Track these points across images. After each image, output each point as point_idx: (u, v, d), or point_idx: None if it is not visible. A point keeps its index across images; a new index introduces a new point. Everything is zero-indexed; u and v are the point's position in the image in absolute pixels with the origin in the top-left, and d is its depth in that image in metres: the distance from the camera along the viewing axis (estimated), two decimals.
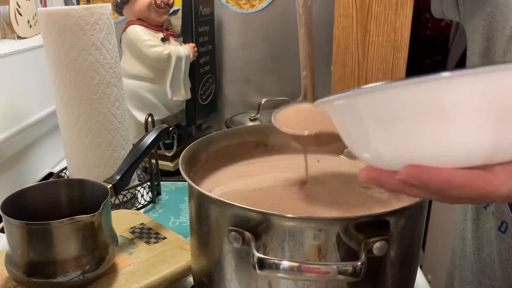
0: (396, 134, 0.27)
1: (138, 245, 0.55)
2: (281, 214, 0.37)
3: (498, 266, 0.55)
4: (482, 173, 0.25)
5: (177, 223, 0.73)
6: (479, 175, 0.25)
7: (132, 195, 0.78)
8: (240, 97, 1.19)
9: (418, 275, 0.48)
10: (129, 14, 0.90)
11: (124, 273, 0.50)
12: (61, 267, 0.45)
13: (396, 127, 0.26)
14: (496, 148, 0.25)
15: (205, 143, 0.53)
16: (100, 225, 0.47)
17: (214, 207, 0.40)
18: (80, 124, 0.70)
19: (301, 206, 0.46)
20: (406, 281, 0.43)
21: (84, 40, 0.67)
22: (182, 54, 0.89)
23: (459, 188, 0.25)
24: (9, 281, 0.48)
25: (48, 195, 0.51)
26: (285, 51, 1.14)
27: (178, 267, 0.52)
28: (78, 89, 0.68)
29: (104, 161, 0.72)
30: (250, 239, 0.37)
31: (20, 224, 0.44)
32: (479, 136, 0.24)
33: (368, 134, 0.29)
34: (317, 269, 0.34)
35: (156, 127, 0.63)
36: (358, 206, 0.46)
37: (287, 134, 0.53)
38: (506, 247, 0.53)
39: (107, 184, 0.53)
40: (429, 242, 1.49)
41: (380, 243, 0.35)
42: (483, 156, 0.25)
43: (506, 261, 0.53)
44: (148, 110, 0.89)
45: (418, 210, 0.41)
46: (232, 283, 0.41)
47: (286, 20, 1.11)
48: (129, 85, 0.89)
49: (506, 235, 0.53)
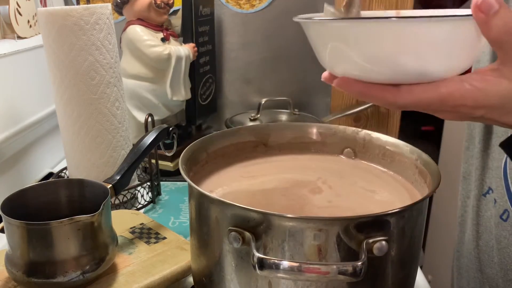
0: (339, 56, 0.37)
1: (138, 245, 0.55)
2: (281, 214, 0.37)
3: (496, 253, 0.56)
4: (389, 88, 0.35)
5: (177, 223, 0.73)
6: (385, 89, 0.35)
7: (132, 195, 0.78)
8: (240, 97, 1.19)
9: (418, 275, 0.48)
10: (129, 14, 0.90)
11: (124, 273, 0.50)
12: (61, 267, 0.45)
13: (331, 51, 0.37)
14: (396, 74, 0.35)
15: (205, 143, 0.53)
16: (100, 225, 0.47)
17: (214, 207, 0.40)
18: (80, 124, 0.70)
19: (301, 206, 0.46)
20: (406, 281, 0.43)
21: (84, 40, 0.67)
22: (182, 54, 0.89)
23: (369, 96, 0.36)
24: (9, 281, 0.48)
25: (48, 195, 0.51)
26: (285, 51, 1.13)
27: (178, 267, 0.52)
28: (78, 89, 0.68)
29: (104, 161, 0.72)
30: (250, 239, 0.37)
31: (20, 224, 0.44)
32: (384, 64, 0.35)
33: (323, 52, 0.39)
34: (317, 269, 0.34)
35: (156, 127, 0.63)
36: (358, 206, 0.46)
37: (290, 130, 0.54)
38: (506, 234, 0.53)
39: (107, 184, 0.53)
40: (429, 242, 1.49)
41: (380, 243, 0.35)
42: (388, 78, 0.35)
43: (505, 248, 0.54)
44: (148, 110, 0.89)
45: (418, 210, 0.41)
46: (232, 283, 0.41)
47: (286, 20, 1.11)
48: (129, 85, 0.89)
49: (507, 223, 0.53)
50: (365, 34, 0.34)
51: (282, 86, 1.16)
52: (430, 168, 0.45)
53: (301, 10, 1.09)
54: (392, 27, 0.33)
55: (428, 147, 1.25)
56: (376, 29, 0.33)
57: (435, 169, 0.44)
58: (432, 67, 0.34)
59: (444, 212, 1.34)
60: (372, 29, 0.33)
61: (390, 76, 0.35)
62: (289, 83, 1.16)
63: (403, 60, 0.34)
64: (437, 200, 1.40)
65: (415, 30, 0.32)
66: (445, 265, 1.30)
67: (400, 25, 0.33)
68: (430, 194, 0.40)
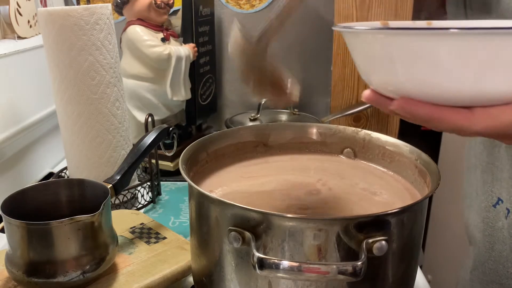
0: (399, 72, 0.32)
1: (138, 245, 0.55)
2: (281, 214, 0.37)
3: (511, 264, 0.55)
4: (462, 110, 0.31)
5: (177, 223, 0.73)
6: (459, 112, 0.31)
7: (132, 195, 0.78)
8: (240, 97, 1.19)
9: (418, 275, 0.48)
10: (129, 14, 0.90)
11: (124, 273, 0.50)
12: (61, 267, 0.45)
13: (400, 66, 0.32)
14: (475, 95, 0.31)
15: (205, 143, 0.53)
16: (100, 225, 0.47)
17: (214, 207, 0.40)
18: (80, 124, 0.70)
19: (301, 206, 0.46)
20: (406, 281, 0.43)
21: (84, 40, 0.67)
22: (182, 54, 0.89)
23: (438, 120, 0.32)
24: (9, 281, 0.48)
25: (48, 195, 0.51)
26: (285, 51, 1.13)
27: (178, 267, 0.52)
28: (78, 89, 0.68)
29: (104, 161, 0.73)
30: (250, 239, 0.37)
31: (20, 224, 0.44)
32: (462, 84, 0.30)
33: (376, 66, 0.34)
34: (317, 269, 0.34)
35: (156, 127, 0.63)
36: (358, 206, 0.46)
37: (290, 130, 0.54)
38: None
39: (107, 184, 0.53)
40: (429, 242, 1.49)
41: (380, 243, 0.35)
42: (465, 99, 0.31)
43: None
44: (148, 110, 0.89)
45: (418, 210, 0.41)
46: (232, 283, 0.41)
47: (286, 20, 1.10)
48: (129, 85, 0.89)
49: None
50: (452, 48, 0.29)
51: None
52: (430, 168, 0.45)
53: (301, 10, 1.09)
54: (481, 39, 0.29)
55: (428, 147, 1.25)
56: (462, 41, 0.29)
57: (435, 169, 0.44)
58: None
59: (444, 212, 1.34)
60: (458, 41, 0.29)
61: (469, 96, 0.31)
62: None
63: (490, 76, 0.30)
64: (437, 200, 1.40)
65: (507, 43, 0.29)
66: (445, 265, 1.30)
67: (492, 37, 0.29)
68: (430, 194, 0.40)
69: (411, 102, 0.32)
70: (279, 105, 0.48)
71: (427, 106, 0.32)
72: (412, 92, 0.32)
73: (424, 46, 0.30)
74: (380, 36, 0.32)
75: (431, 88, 0.31)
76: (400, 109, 0.33)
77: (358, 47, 0.36)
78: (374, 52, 0.33)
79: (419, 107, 0.32)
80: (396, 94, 0.33)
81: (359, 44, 0.35)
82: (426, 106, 0.32)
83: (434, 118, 0.32)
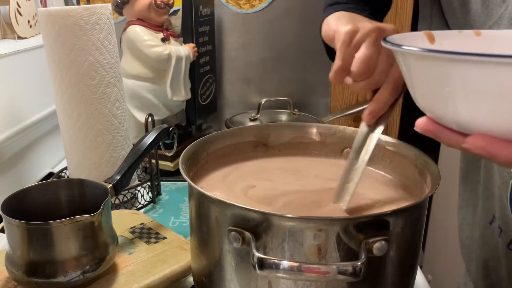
0: (472, 103, 0.27)
1: (138, 245, 0.55)
2: (281, 214, 0.37)
3: (506, 283, 0.54)
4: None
5: (177, 223, 0.73)
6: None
7: (132, 195, 0.78)
8: (240, 97, 1.19)
9: (418, 275, 0.48)
10: (129, 14, 0.90)
11: (124, 273, 0.50)
12: (61, 267, 0.45)
13: (475, 98, 0.27)
14: None
15: (205, 143, 0.53)
16: (100, 225, 0.47)
17: (214, 207, 0.40)
18: (80, 124, 0.70)
19: (301, 206, 0.46)
20: (406, 281, 0.43)
21: (84, 40, 0.67)
22: (182, 54, 0.89)
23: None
24: (9, 281, 0.48)
25: (48, 195, 0.51)
26: (285, 51, 1.14)
27: (178, 267, 0.52)
28: (78, 89, 0.68)
29: (104, 161, 0.73)
30: (250, 239, 0.37)
31: (20, 224, 0.44)
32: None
33: (437, 93, 0.29)
34: (317, 269, 0.34)
35: (156, 127, 0.63)
36: (358, 206, 0.46)
37: (290, 130, 0.55)
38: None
39: (107, 184, 0.53)
40: (429, 242, 1.49)
41: (380, 243, 0.35)
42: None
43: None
44: (148, 110, 0.89)
45: (418, 210, 0.41)
46: (232, 283, 0.41)
47: (286, 20, 1.11)
48: (129, 85, 0.89)
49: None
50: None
51: (282, 86, 1.16)
52: (430, 168, 0.45)
53: (301, 11, 1.09)
54: None
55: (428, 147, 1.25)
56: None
57: (435, 169, 0.44)
58: None
59: (444, 212, 1.34)
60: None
61: None
62: (289, 83, 1.16)
63: None
64: (437, 200, 1.40)
65: None
66: (445, 265, 1.30)
67: None
68: (430, 194, 0.40)
69: (494, 142, 0.27)
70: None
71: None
72: (488, 129, 0.27)
73: (505, 76, 0.25)
74: (442, 62, 0.27)
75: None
76: (479, 149, 0.28)
77: (410, 68, 0.31)
78: (434, 78, 0.28)
79: (504, 147, 0.27)
80: (463, 128, 0.29)
81: (411, 66, 0.31)
82: (511, 146, 0.27)
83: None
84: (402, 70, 0.33)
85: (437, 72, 0.28)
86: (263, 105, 1.03)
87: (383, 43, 0.33)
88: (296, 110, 1.06)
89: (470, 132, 0.28)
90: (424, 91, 0.31)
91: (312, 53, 1.11)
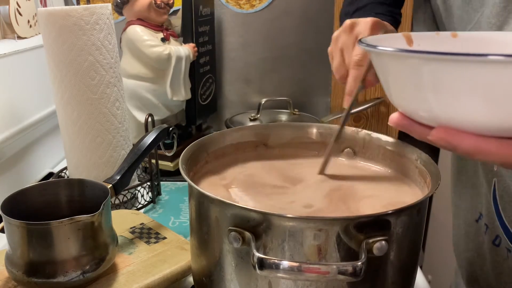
0: (438, 98, 0.29)
1: (138, 245, 0.55)
2: (281, 214, 0.37)
3: (493, 279, 0.55)
4: (510, 142, 0.28)
5: (177, 223, 0.73)
6: (507, 145, 0.28)
7: (132, 195, 0.78)
8: (240, 97, 1.19)
9: (418, 275, 0.48)
10: (129, 14, 0.90)
11: (124, 273, 0.50)
12: (61, 267, 0.45)
13: (440, 93, 0.28)
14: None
15: (205, 143, 0.53)
16: (100, 225, 0.47)
17: (214, 207, 0.40)
18: (80, 124, 0.70)
19: (301, 206, 0.46)
20: (406, 281, 0.43)
21: (84, 40, 0.67)
22: (182, 54, 0.89)
23: (485, 154, 0.28)
24: (9, 281, 0.48)
25: (48, 195, 0.51)
26: (285, 51, 1.14)
27: (178, 267, 0.52)
28: (78, 89, 0.68)
29: (104, 161, 0.73)
30: (250, 239, 0.37)
31: (20, 224, 0.44)
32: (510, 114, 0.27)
33: (410, 91, 0.31)
34: (317, 269, 0.34)
35: (156, 127, 0.63)
36: (358, 206, 0.46)
37: (290, 130, 0.56)
38: (499, 260, 0.53)
39: (107, 184, 0.53)
40: (429, 242, 1.49)
41: (380, 243, 0.35)
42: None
43: (501, 274, 0.53)
44: (148, 110, 0.89)
45: (418, 210, 0.41)
46: (232, 283, 0.41)
47: (286, 20, 1.11)
48: (129, 85, 0.89)
49: (499, 248, 0.53)
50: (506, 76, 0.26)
51: (282, 86, 1.16)
52: (430, 168, 0.45)
53: (301, 10, 1.09)
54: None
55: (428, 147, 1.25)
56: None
57: (435, 169, 0.44)
58: None
59: (444, 212, 1.34)
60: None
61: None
62: (289, 83, 1.16)
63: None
64: (437, 200, 1.40)
65: None
66: (445, 265, 1.30)
67: None
68: (430, 194, 0.40)
69: (454, 133, 0.29)
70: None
71: (472, 138, 0.28)
72: (451, 121, 0.29)
73: (475, 74, 0.26)
74: (415, 61, 0.29)
75: (476, 118, 0.28)
76: (440, 140, 0.29)
77: (384, 68, 0.33)
78: (407, 77, 0.30)
79: (464, 138, 0.28)
80: (431, 121, 0.30)
81: (385, 65, 0.33)
82: (471, 138, 0.28)
83: (480, 152, 0.28)
84: (376, 70, 0.35)
85: (409, 70, 0.30)
86: (263, 105, 1.03)
87: (357, 45, 0.35)
88: (296, 110, 1.06)
89: (439, 125, 0.30)
90: (397, 89, 0.33)
91: (312, 53, 1.11)
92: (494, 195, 0.52)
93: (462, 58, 0.26)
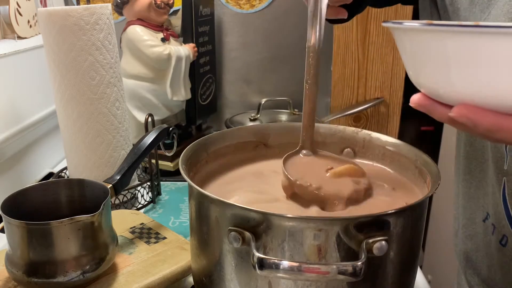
0: (461, 75, 0.29)
1: (138, 245, 0.55)
2: (281, 214, 0.37)
3: (500, 279, 0.55)
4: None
5: (177, 223, 0.73)
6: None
7: (132, 195, 0.78)
8: (240, 97, 1.19)
9: (418, 275, 0.48)
10: (129, 14, 0.90)
11: (124, 273, 0.50)
12: (61, 267, 0.45)
13: (464, 69, 0.28)
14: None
15: (205, 143, 0.53)
16: (100, 225, 0.47)
17: (214, 207, 0.40)
18: (80, 124, 0.70)
19: (301, 206, 0.46)
20: (406, 281, 0.43)
21: (84, 40, 0.67)
22: (182, 54, 0.89)
23: (506, 132, 0.28)
24: (9, 281, 0.48)
25: (48, 195, 0.51)
26: (285, 51, 1.14)
27: (178, 267, 0.52)
28: (78, 89, 0.68)
29: (104, 161, 0.73)
30: (250, 239, 0.37)
31: (20, 224, 0.44)
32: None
33: (433, 66, 0.30)
34: (317, 269, 0.34)
35: (156, 127, 0.63)
36: (357, 206, 0.46)
37: (290, 130, 0.55)
38: (507, 260, 0.53)
39: (107, 184, 0.53)
40: (429, 242, 1.49)
41: (380, 243, 0.35)
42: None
43: (507, 273, 0.53)
44: (148, 110, 0.89)
45: (418, 210, 0.41)
46: (232, 283, 0.41)
47: (286, 20, 1.11)
48: (129, 85, 0.89)
49: (506, 248, 0.52)
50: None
51: (282, 86, 1.16)
52: (430, 168, 0.45)
53: (301, 10, 1.09)
54: None
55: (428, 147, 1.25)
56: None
57: (435, 169, 0.44)
58: None
59: (444, 212, 1.34)
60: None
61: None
62: (289, 83, 1.16)
63: None
64: (437, 200, 1.40)
65: None
66: (445, 265, 1.30)
67: None
68: (430, 194, 0.40)
69: (476, 110, 0.28)
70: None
71: (494, 115, 0.28)
72: (473, 98, 0.29)
73: (492, 46, 0.27)
74: (441, 35, 0.29)
75: (499, 93, 0.28)
76: (462, 117, 0.29)
77: (408, 45, 0.33)
78: (428, 52, 0.30)
79: (485, 115, 0.28)
80: (452, 100, 0.30)
81: (409, 42, 0.33)
82: (493, 115, 0.28)
83: (501, 129, 0.28)
84: (399, 49, 0.34)
85: (434, 45, 0.30)
86: (263, 105, 1.03)
87: (384, 24, 0.34)
88: (296, 110, 1.06)
89: (452, 103, 0.30)
90: (420, 66, 0.32)
91: None
92: (504, 194, 0.52)
93: (487, 30, 0.26)
